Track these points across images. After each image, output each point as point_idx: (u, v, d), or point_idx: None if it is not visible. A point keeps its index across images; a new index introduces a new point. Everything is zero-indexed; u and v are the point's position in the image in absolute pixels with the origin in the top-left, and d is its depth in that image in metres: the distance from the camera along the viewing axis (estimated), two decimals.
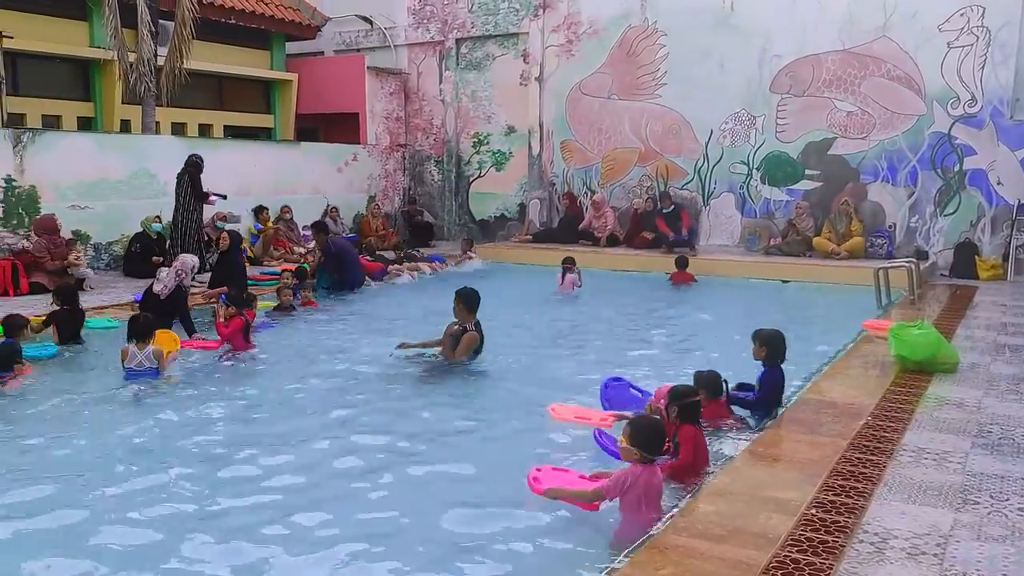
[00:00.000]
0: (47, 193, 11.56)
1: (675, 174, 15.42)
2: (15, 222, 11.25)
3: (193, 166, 11.71)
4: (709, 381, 5.65)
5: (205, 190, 11.72)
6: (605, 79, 15.88)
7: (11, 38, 12.10)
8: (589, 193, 16.17)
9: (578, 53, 16.11)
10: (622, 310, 10.52)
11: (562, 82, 16.31)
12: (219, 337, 7.95)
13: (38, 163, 11.48)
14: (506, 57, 16.97)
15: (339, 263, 11.51)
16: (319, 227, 12.27)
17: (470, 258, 14.38)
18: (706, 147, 15.08)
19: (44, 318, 8.17)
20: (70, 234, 11.36)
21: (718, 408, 5.60)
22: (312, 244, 12.76)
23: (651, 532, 3.89)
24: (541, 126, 16.63)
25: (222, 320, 8.02)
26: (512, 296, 11.26)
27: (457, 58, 17.43)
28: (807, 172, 14.33)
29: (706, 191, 15.19)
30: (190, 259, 8.99)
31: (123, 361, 6.93)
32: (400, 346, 7.72)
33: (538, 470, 4.58)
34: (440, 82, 17.68)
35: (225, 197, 12.14)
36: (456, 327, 7.45)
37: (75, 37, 14.18)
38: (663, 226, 14.45)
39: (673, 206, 14.70)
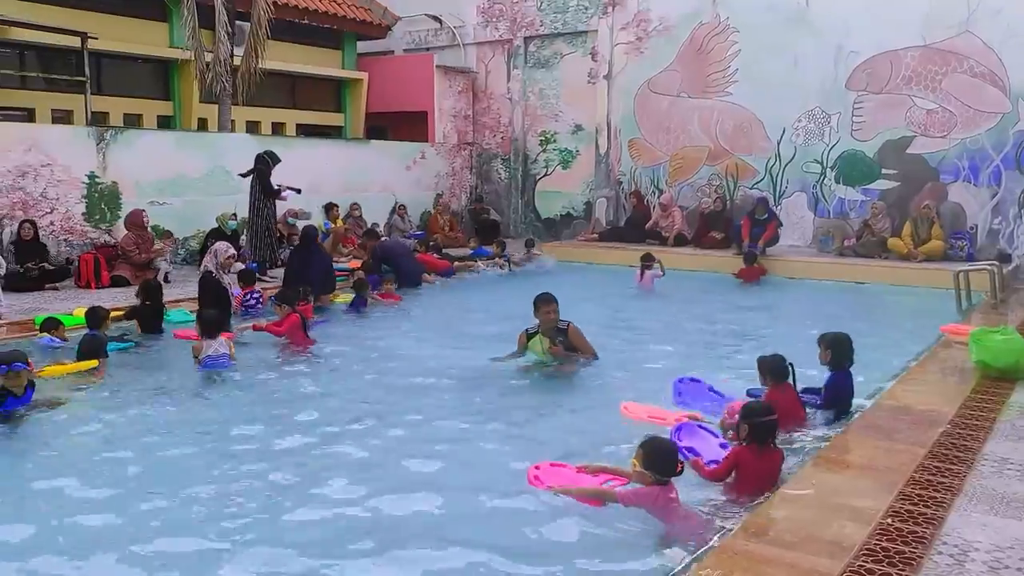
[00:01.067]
0: (128, 189, 11.95)
1: (745, 173, 15.16)
2: (97, 217, 11.66)
3: (261, 162, 11.81)
4: (772, 366, 5.47)
5: (277, 185, 11.90)
6: (675, 77, 15.69)
7: (96, 39, 12.51)
8: (657, 192, 16.01)
9: (647, 51, 15.95)
10: (690, 311, 10.39)
11: (631, 80, 16.18)
12: (277, 335, 8.11)
13: (120, 160, 11.87)
14: (574, 55, 16.91)
15: (386, 264, 11.57)
16: (369, 233, 12.46)
17: (531, 257, 14.41)
18: (778, 145, 14.79)
19: (125, 311, 8.47)
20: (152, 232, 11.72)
21: (787, 397, 5.39)
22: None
23: (718, 537, 3.83)
24: (609, 124, 16.53)
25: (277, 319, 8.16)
26: (586, 294, 11.24)
27: (525, 56, 17.44)
28: (884, 171, 13.93)
29: (777, 190, 14.89)
30: (220, 246, 9.17)
31: (197, 355, 7.16)
32: (497, 360, 7.43)
33: (537, 467, 4.64)
34: (508, 80, 17.72)
35: (299, 191, 12.33)
36: (543, 332, 7.15)
37: (155, 38, 14.63)
38: (746, 230, 13.71)
39: (767, 215, 13.76)
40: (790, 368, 5.51)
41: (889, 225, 13.43)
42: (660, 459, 4.17)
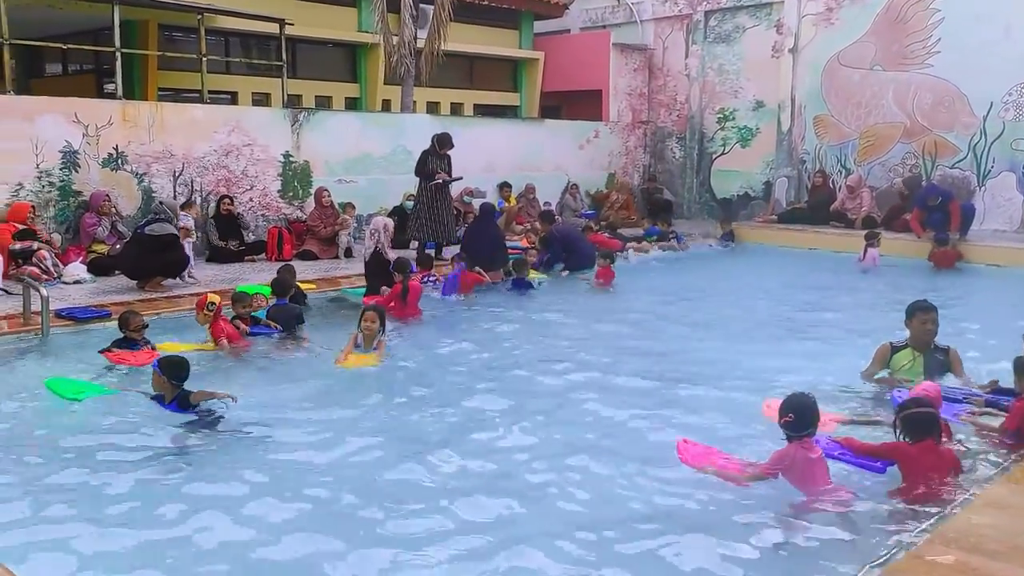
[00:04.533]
0: (318, 168, 12.62)
1: (945, 151, 14.03)
2: (291, 194, 12.39)
3: (432, 143, 11.83)
4: None
5: (434, 170, 11.72)
6: (868, 48, 14.72)
7: (292, 25, 13.24)
8: (843, 172, 15.14)
9: (838, 21, 15.04)
10: (892, 298, 9.73)
11: (819, 53, 15.33)
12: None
13: (311, 140, 12.54)
14: (757, 28, 16.22)
15: (565, 247, 11.48)
16: (545, 216, 12.40)
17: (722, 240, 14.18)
18: (984, 121, 13.57)
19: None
20: (337, 207, 12.30)
21: None
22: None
23: (905, 543, 3.58)
24: (793, 100, 15.75)
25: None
26: (781, 279, 10.99)
27: (705, 31, 16.91)
28: None
29: (982, 170, 13.70)
30: (380, 220, 9.47)
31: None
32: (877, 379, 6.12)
33: (685, 441, 4.59)
34: (686, 56, 17.26)
35: (449, 181, 12.29)
36: (915, 346, 5.95)
37: (345, 23, 15.33)
38: (916, 223, 12.67)
39: (941, 198, 12.61)
40: None
41: None
42: (795, 413, 4.13)
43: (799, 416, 4.14)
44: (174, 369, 5.38)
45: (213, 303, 6.82)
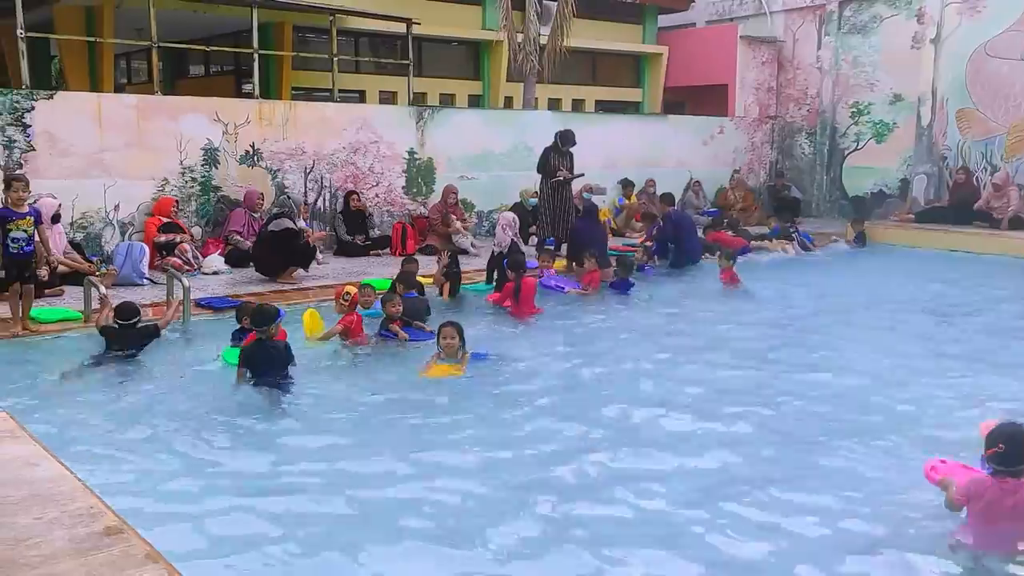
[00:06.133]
0: (441, 165, 12.81)
1: None
2: (414, 190, 12.64)
3: (555, 140, 11.69)
4: None
5: (557, 168, 11.64)
6: (1018, 38, 13.77)
7: (418, 24, 13.49)
8: (989, 168, 14.21)
9: (985, 10, 14.13)
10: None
11: (963, 43, 14.44)
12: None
13: (435, 137, 12.74)
14: (896, 18, 15.43)
15: (676, 235, 11.23)
16: (664, 197, 12.11)
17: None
18: None
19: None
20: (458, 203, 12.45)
21: None
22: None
23: None
24: (934, 93, 14.90)
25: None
26: (956, 285, 10.46)
27: (839, 22, 16.22)
28: None
29: None
30: (507, 215, 9.57)
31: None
32: None
33: (942, 462, 4.15)
34: (818, 49, 16.61)
35: (571, 178, 12.04)
36: None
37: (470, 21, 15.51)
38: None
39: None
40: None
41: None
42: (1003, 444, 3.65)
43: (1011, 448, 3.65)
44: (254, 316, 6.12)
45: (348, 294, 7.14)
